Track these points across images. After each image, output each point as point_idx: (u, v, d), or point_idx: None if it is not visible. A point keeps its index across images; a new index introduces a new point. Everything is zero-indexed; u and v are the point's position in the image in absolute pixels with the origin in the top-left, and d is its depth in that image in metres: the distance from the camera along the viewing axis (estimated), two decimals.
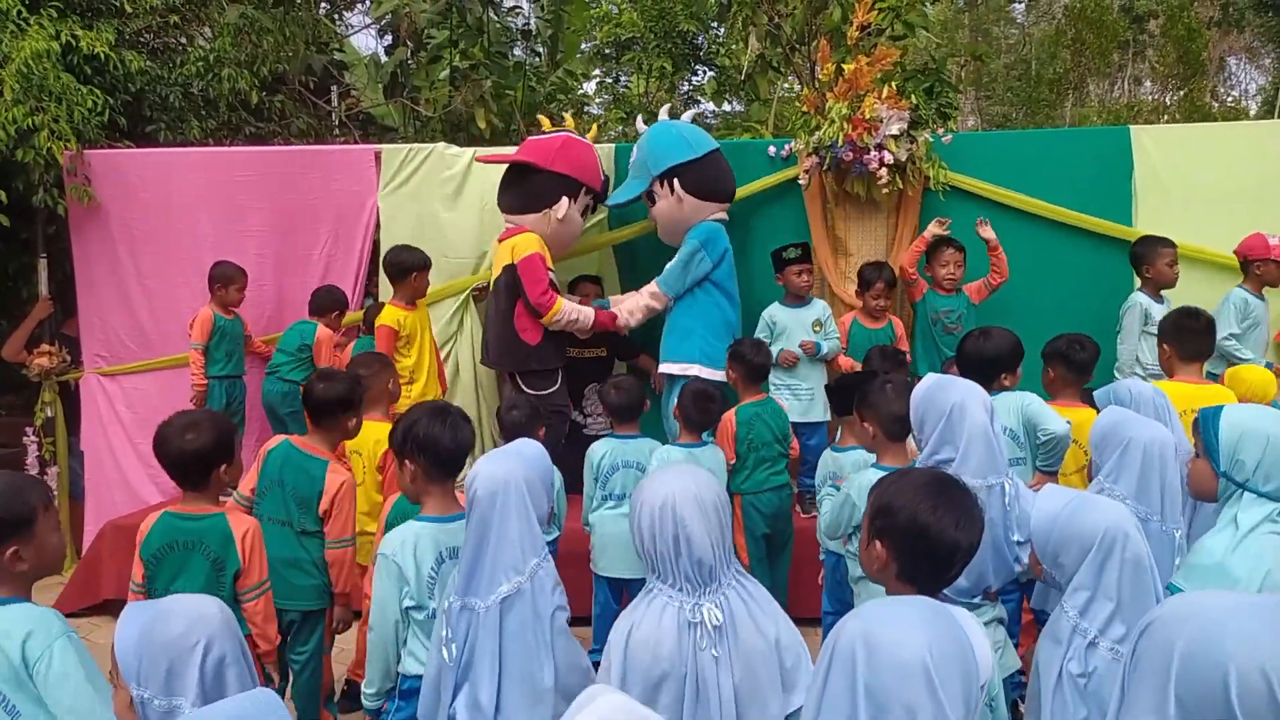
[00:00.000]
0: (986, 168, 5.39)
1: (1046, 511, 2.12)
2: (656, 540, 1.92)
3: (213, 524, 2.90)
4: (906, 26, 6.58)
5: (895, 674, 1.40)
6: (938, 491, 1.89)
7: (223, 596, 2.85)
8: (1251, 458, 2.26)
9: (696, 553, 1.90)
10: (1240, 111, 18.61)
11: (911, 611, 1.51)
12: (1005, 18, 20.52)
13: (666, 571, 1.92)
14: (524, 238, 4.93)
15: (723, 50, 12.89)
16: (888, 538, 1.88)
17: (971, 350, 3.73)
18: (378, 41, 11.05)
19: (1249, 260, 4.98)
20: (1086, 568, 2.02)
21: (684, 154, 5.03)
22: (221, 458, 2.90)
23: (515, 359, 5.04)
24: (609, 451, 4.11)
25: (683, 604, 1.90)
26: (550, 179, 5.00)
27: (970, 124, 17.47)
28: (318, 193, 5.67)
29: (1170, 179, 5.34)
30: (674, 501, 1.92)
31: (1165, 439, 2.70)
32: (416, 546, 2.55)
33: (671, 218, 5.07)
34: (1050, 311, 5.10)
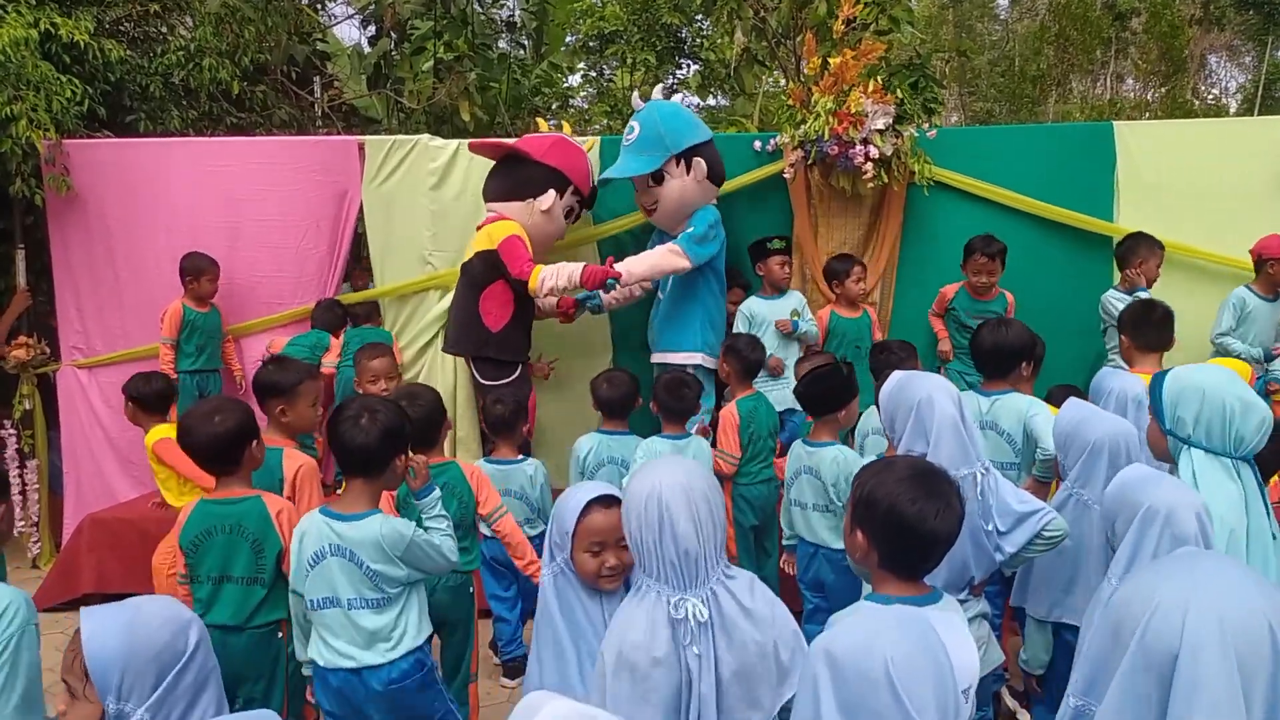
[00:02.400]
0: (971, 163, 5.41)
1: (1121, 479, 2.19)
2: (643, 531, 1.89)
3: (249, 507, 2.90)
4: (892, 21, 6.57)
5: (860, 684, 1.39)
6: (918, 482, 1.91)
7: (264, 579, 2.88)
8: (1189, 413, 2.32)
9: (682, 544, 1.86)
10: (1221, 109, 18.76)
11: (876, 622, 1.50)
12: (989, 14, 20.57)
13: (652, 565, 1.90)
14: (499, 225, 4.87)
15: (707, 44, 12.86)
16: (868, 527, 1.92)
17: (990, 341, 3.65)
18: (361, 32, 10.95)
19: (1263, 259, 4.97)
20: (1129, 539, 2.06)
21: (702, 134, 5.00)
22: (249, 436, 2.92)
23: (473, 342, 4.96)
24: (595, 447, 4.10)
25: (669, 598, 1.87)
26: (539, 169, 4.96)
27: (954, 120, 17.51)
28: (299, 184, 5.62)
29: (1152, 175, 5.37)
30: (660, 492, 1.89)
31: (1127, 431, 2.74)
32: (304, 536, 2.64)
33: (681, 198, 4.94)
34: (1032, 306, 5.12)
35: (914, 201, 5.38)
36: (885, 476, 1.94)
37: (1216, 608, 1.27)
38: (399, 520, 2.63)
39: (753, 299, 5.22)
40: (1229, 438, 2.28)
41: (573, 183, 5.08)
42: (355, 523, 2.61)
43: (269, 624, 2.92)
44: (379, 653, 2.60)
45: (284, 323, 5.73)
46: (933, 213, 5.40)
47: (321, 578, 2.61)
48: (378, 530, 2.58)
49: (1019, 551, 2.64)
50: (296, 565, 2.66)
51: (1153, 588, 1.33)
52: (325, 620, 2.63)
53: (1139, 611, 1.32)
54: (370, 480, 2.66)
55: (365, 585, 2.59)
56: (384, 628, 2.61)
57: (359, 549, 2.58)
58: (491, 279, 4.89)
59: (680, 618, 1.85)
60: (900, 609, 1.56)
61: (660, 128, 4.93)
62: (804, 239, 5.42)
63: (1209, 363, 4.33)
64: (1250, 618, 1.26)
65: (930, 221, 5.39)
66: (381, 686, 2.60)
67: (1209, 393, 2.30)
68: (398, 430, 2.66)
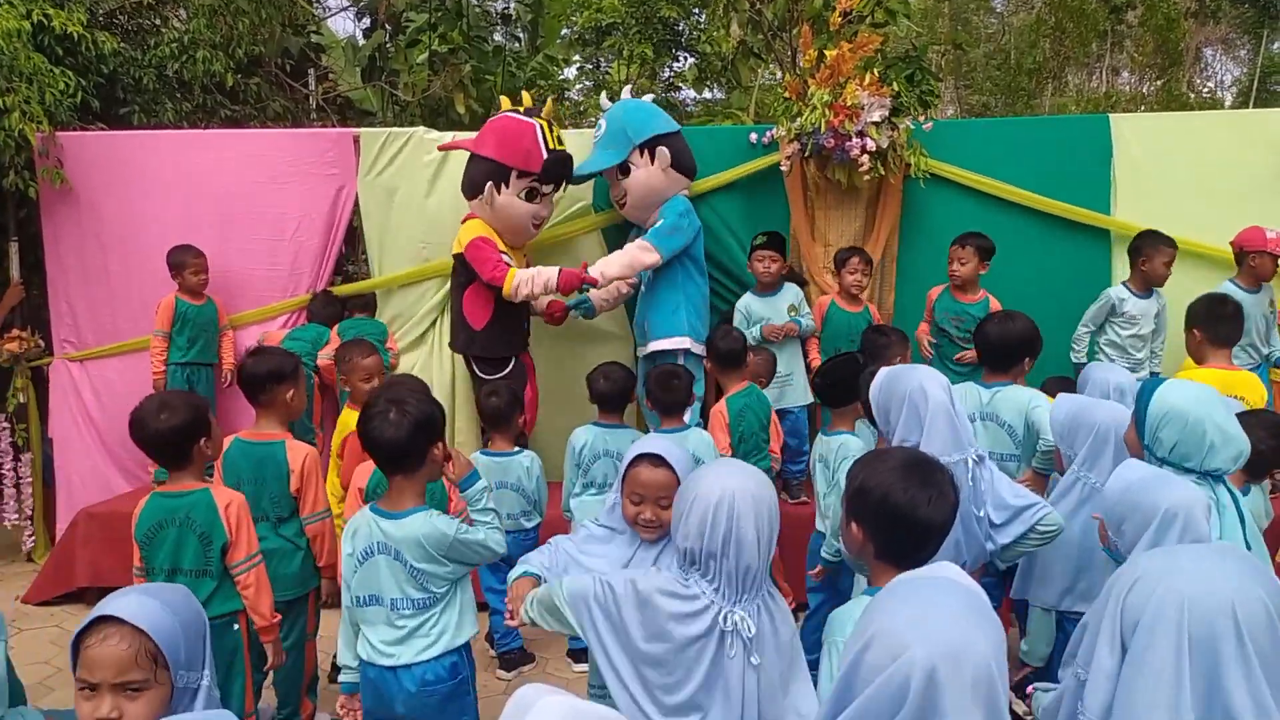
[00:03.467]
0: (967, 155, 5.40)
1: (1123, 479, 2.17)
2: (707, 536, 1.87)
3: (197, 499, 2.91)
4: (888, 14, 6.55)
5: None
6: (910, 471, 1.91)
7: (212, 571, 2.90)
8: (1169, 437, 2.34)
9: (746, 558, 1.86)
10: (1216, 102, 18.77)
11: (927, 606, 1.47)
12: (985, 6, 20.53)
13: (710, 569, 1.89)
14: (465, 226, 4.98)
15: (704, 37, 12.83)
16: (863, 519, 1.91)
17: (996, 334, 3.66)
18: (355, 24, 10.91)
19: (1244, 252, 4.94)
20: (1147, 541, 2.05)
21: (664, 126, 5.06)
22: (198, 432, 2.92)
23: (462, 341, 5.10)
24: (591, 440, 4.10)
25: (719, 606, 1.87)
26: (477, 164, 4.98)
27: (949, 112, 17.50)
28: (294, 177, 5.61)
29: (1149, 167, 5.37)
30: (734, 500, 1.88)
31: (1122, 415, 2.75)
32: (355, 532, 2.63)
33: (649, 188, 5.01)
34: (1028, 298, 5.09)
35: (911, 194, 5.37)
36: (877, 467, 1.94)
37: (1186, 588, 1.36)
38: (442, 518, 2.60)
39: (748, 295, 5.22)
40: (1200, 463, 2.32)
41: (513, 167, 4.90)
42: (399, 521, 2.58)
43: (223, 615, 2.92)
44: (416, 650, 2.59)
45: (277, 314, 5.71)
46: (930, 205, 5.39)
47: (369, 575, 2.60)
48: (420, 529, 2.56)
49: (1012, 544, 2.65)
50: (346, 563, 2.64)
51: (1142, 567, 1.41)
52: (368, 617, 2.62)
53: (1124, 584, 1.40)
54: (409, 475, 2.62)
55: (410, 584, 2.57)
56: (424, 625, 2.60)
57: (404, 547, 2.56)
58: (469, 279, 4.94)
59: (729, 630, 1.85)
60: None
61: (623, 121, 5.04)
62: (800, 232, 5.41)
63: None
64: (1213, 599, 1.33)
65: (927, 214, 5.39)
66: (415, 686, 2.58)
67: (1191, 423, 2.32)
68: (429, 420, 2.62)
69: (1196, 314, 3.92)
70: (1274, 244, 4.85)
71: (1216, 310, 3.88)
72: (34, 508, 5.71)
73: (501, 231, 4.95)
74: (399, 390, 2.70)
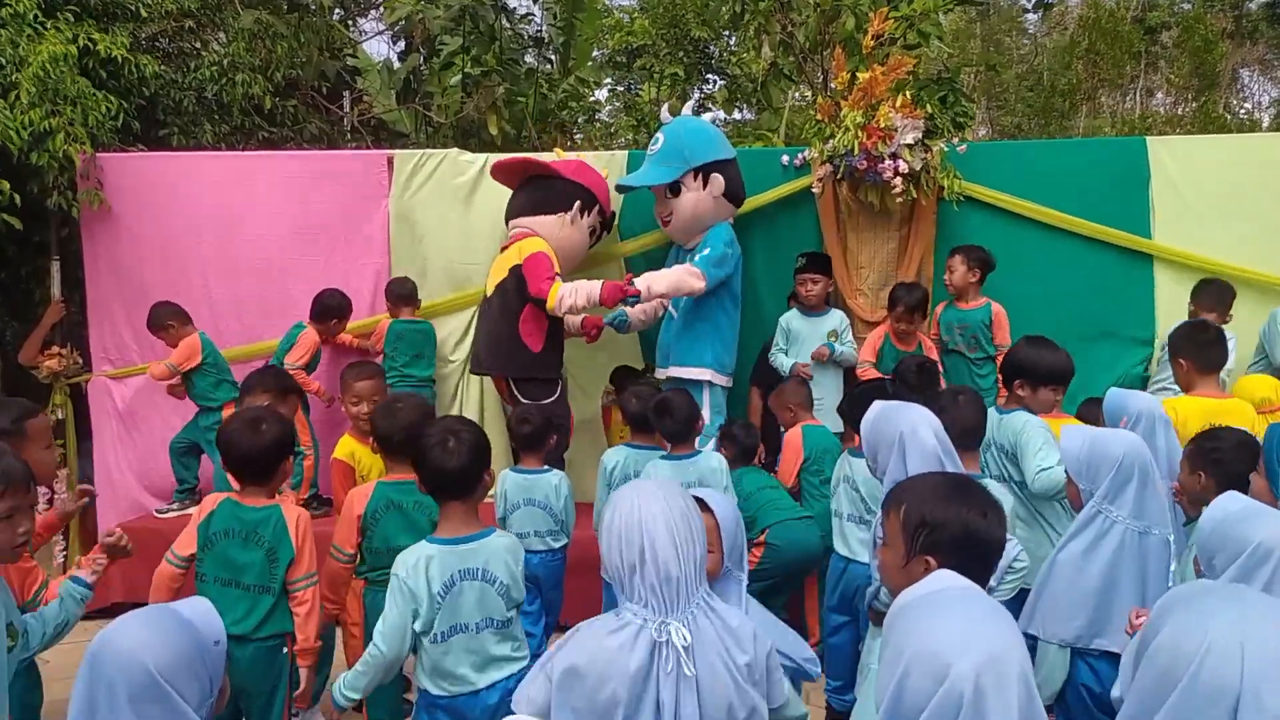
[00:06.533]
0: (1001, 177, 5.35)
1: (1220, 510, 2.11)
2: (624, 556, 1.86)
3: (269, 514, 2.96)
4: (921, 36, 6.54)
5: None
6: (971, 493, 1.87)
7: (274, 588, 2.92)
8: None
9: (664, 569, 1.83)
10: (1253, 124, 18.52)
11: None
12: (1017, 28, 20.47)
13: (633, 590, 1.86)
14: (527, 241, 4.92)
15: (734, 59, 12.88)
16: (939, 551, 1.82)
17: (1029, 359, 3.67)
18: (390, 47, 11.07)
19: None
20: (1231, 574, 1.99)
21: (724, 152, 5.04)
22: (286, 451, 3.00)
23: (517, 365, 4.95)
24: (622, 460, 4.09)
25: (647, 621, 1.83)
26: (569, 185, 5.04)
27: (982, 134, 17.42)
28: (329, 198, 5.66)
29: (1187, 190, 5.29)
30: (641, 516, 1.86)
31: (1141, 445, 2.69)
32: (429, 568, 2.57)
33: (695, 213, 4.99)
34: (1066, 321, 5.04)
35: (944, 216, 5.33)
36: (933, 495, 1.87)
37: (1273, 645, 1.26)
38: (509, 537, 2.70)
39: (793, 314, 5.19)
40: None
41: (599, 201, 5.15)
42: (480, 542, 2.63)
43: (276, 636, 2.94)
44: (504, 667, 2.62)
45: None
46: (964, 228, 5.34)
47: (454, 607, 2.57)
48: (502, 543, 2.63)
49: (995, 586, 2.58)
50: (426, 604, 2.55)
51: (1204, 626, 1.30)
52: (452, 647, 2.58)
53: (1192, 650, 1.28)
54: (467, 500, 2.67)
55: (501, 603, 2.61)
56: (510, 640, 2.65)
57: (492, 566, 2.60)
58: (525, 300, 4.90)
59: (663, 640, 1.81)
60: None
61: (682, 141, 5.00)
62: (832, 254, 5.38)
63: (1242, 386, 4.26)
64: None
65: (961, 236, 5.32)
66: (498, 698, 2.59)
67: None
68: (484, 447, 2.70)
69: (1179, 343, 3.85)
70: None
71: (1199, 338, 3.80)
72: (71, 525, 5.77)
73: (559, 254, 4.96)
74: (450, 421, 2.77)
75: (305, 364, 5.26)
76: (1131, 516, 2.59)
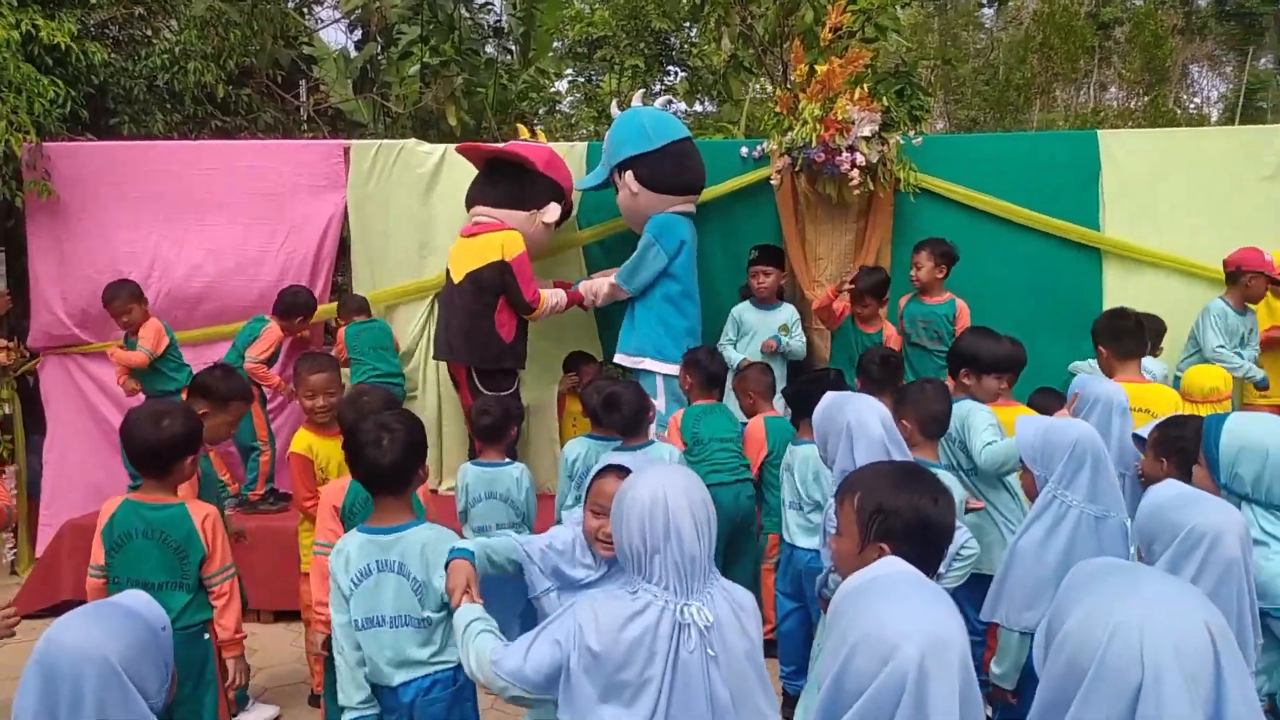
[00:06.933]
0: (957, 170, 5.42)
1: (1156, 497, 2.14)
2: (647, 535, 1.88)
3: (173, 513, 2.89)
4: (878, 29, 6.61)
5: None
6: (921, 481, 1.90)
7: (188, 583, 2.88)
8: (1249, 472, 2.28)
9: (688, 548, 1.86)
10: (1202, 118, 18.93)
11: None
12: (974, 23, 20.70)
13: (654, 570, 1.88)
14: (514, 236, 4.91)
15: (695, 50, 12.89)
16: (892, 537, 1.84)
17: (973, 348, 3.73)
18: (347, 36, 10.93)
19: (1240, 271, 4.88)
20: (1166, 560, 2.01)
21: (640, 145, 4.99)
22: (190, 449, 2.91)
23: (489, 355, 5.00)
24: (584, 452, 4.09)
25: (669, 603, 1.86)
26: (544, 181, 5.05)
27: (939, 127, 17.59)
28: (284, 188, 5.59)
29: (1136, 183, 5.39)
30: (666, 496, 1.89)
31: (1094, 432, 2.74)
32: (348, 554, 2.58)
33: (628, 209, 5.11)
34: (1018, 311, 5.13)
35: (901, 208, 5.39)
36: (885, 484, 1.89)
37: (1170, 630, 1.27)
38: (442, 528, 2.64)
39: (745, 306, 5.23)
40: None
41: (567, 197, 5.19)
42: (399, 534, 2.57)
43: (195, 624, 2.90)
44: (419, 665, 2.56)
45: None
46: (920, 220, 5.40)
47: (368, 597, 2.55)
48: (422, 538, 2.57)
49: (944, 574, 2.62)
50: (337, 590, 2.57)
51: (1107, 612, 1.31)
52: (369, 641, 2.56)
53: (1097, 638, 1.30)
54: (400, 495, 2.63)
55: (414, 599, 2.54)
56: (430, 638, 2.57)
57: (408, 560, 2.55)
58: (504, 290, 4.92)
59: (687, 622, 1.84)
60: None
61: (610, 140, 5.12)
62: (791, 245, 5.42)
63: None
64: (1197, 635, 1.28)
65: (918, 228, 5.38)
66: (411, 697, 2.54)
67: (1271, 452, 2.26)
68: (419, 442, 2.66)
69: (1100, 331, 3.93)
70: (1270, 266, 4.81)
71: (1118, 325, 3.88)
72: (17, 519, 5.65)
73: (529, 249, 4.99)
74: (378, 409, 2.72)
75: (267, 359, 5.19)
76: (1087, 500, 2.62)
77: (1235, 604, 1.94)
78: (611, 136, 5.10)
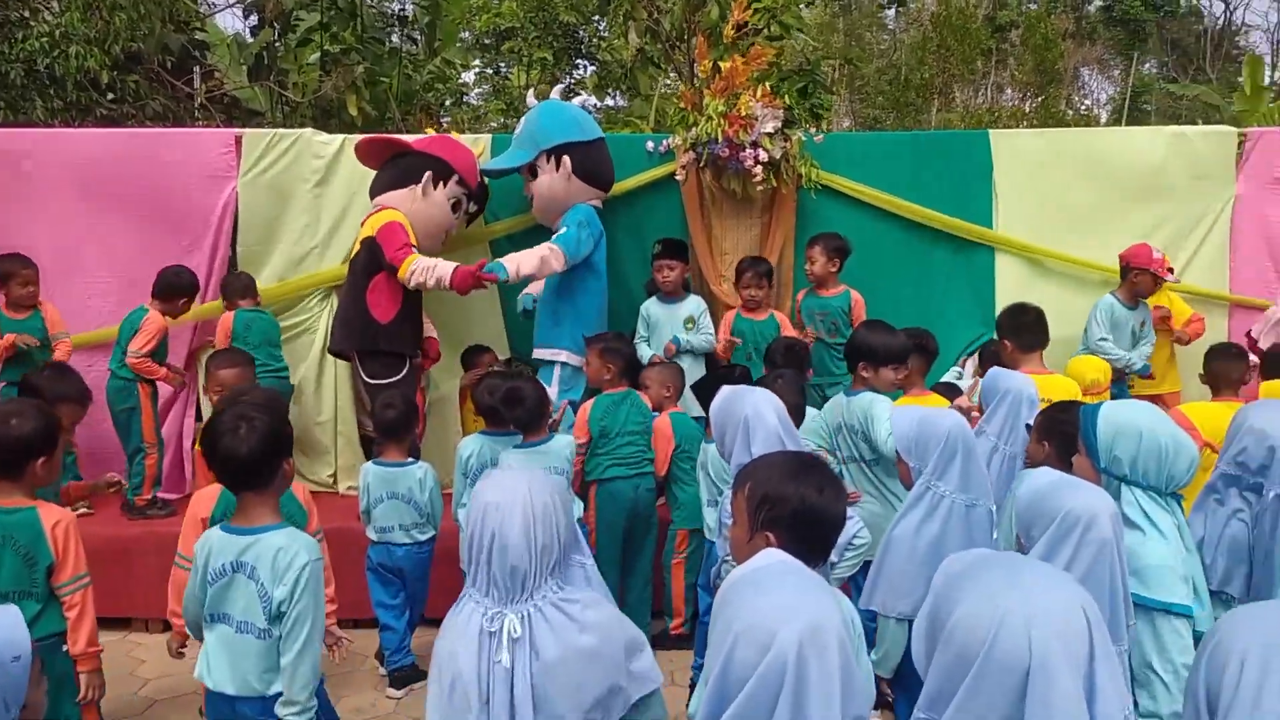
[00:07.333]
0: (857, 168, 5.52)
1: (1033, 485, 2.20)
2: (474, 542, 1.85)
3: (23, 518, 2.75)
4: (782, 27, 6.71)
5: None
6: (812, 471, 1.93)
7: (37, 594, 2.74)
8: (1126, 454, 2.36)
9: (510, 560, 1.82)
10: (1092, 119, 19.77)
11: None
12: (877, 23, 21.20)
13: (477, 576, 1.86)
14: (380, 213, 4.86)
15: (604, 45, 12.86)
16: (778, 526, 1.86)
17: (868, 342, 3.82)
18: (242, 22, 10.56)
19: (1129, 267, 5.06)
20: (1044, 543, 2.08)
21: (575, 134, 5.00)
22: (43, 449, 2.76)
23: (363, 338, 4.86)
24: (478, 449, 4.07)
25: (487, 609, 1.83)
26: (418, 157, 4.97)
27: (845, 125, 17.96)
28: (173, 178, 5.34)
29: (1026, 182, 5.57)
30: (499, 505, 1.85)
31: (964, 422, 2.84)
32: (209, 550, 2.53)
33: (552, 195, 5.01)
34: (914, 308, 5.24)
35: (804, 205, 5.47)
36: (775, 474, 1.92)
37: (1053, 616, 1.32)
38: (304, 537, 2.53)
39: (651, 301, 5.24)
40: (1163, 477, 2.35)
41: (456, 171, 4.99)
42: (254, 537, 2.46)
43: (51, 636, 2.76)
44: (258, 681, 2.46)
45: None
46: (822, 215, 5.49)
47: (220, 595, 2.48)
48: (275, 544, 2.45)
49: (837, 563, 2.68)
50: (193, 582, 2.52)
51: (994, 603, 1.35)
52: (215, 634, 2.49)
53: (984, 629, 1.33)
54: (261, 492, 2.52)
55: (261, 606, 2.44)
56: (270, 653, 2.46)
57: (258, 566, 2.45)
58: (377, 269, 4.82)
59: (494, 630, 1.81)
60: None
61: (536, 124, 5.04)
62: (696, 240, 5.45)
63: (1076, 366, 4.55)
64: (1076, 619, 1.33)
65: (820, 224, 5.47)
66: (255, 714, 2.45)
67: (1145, 434, 2.35)
68: (280, 435, 2.55)
69: (1002, 325, 4.11)
70: (1158, 263, 4.98)
71: (1019, 319, 4.07)
72: None
73: (418, 228, 4.86)
74: (244, 407, 2.57)
75: (152, 350, 4.83)
76: (958, 490, 2.72)
77: (1109, 583, 2.03)
78: (540, 122, 5.03)
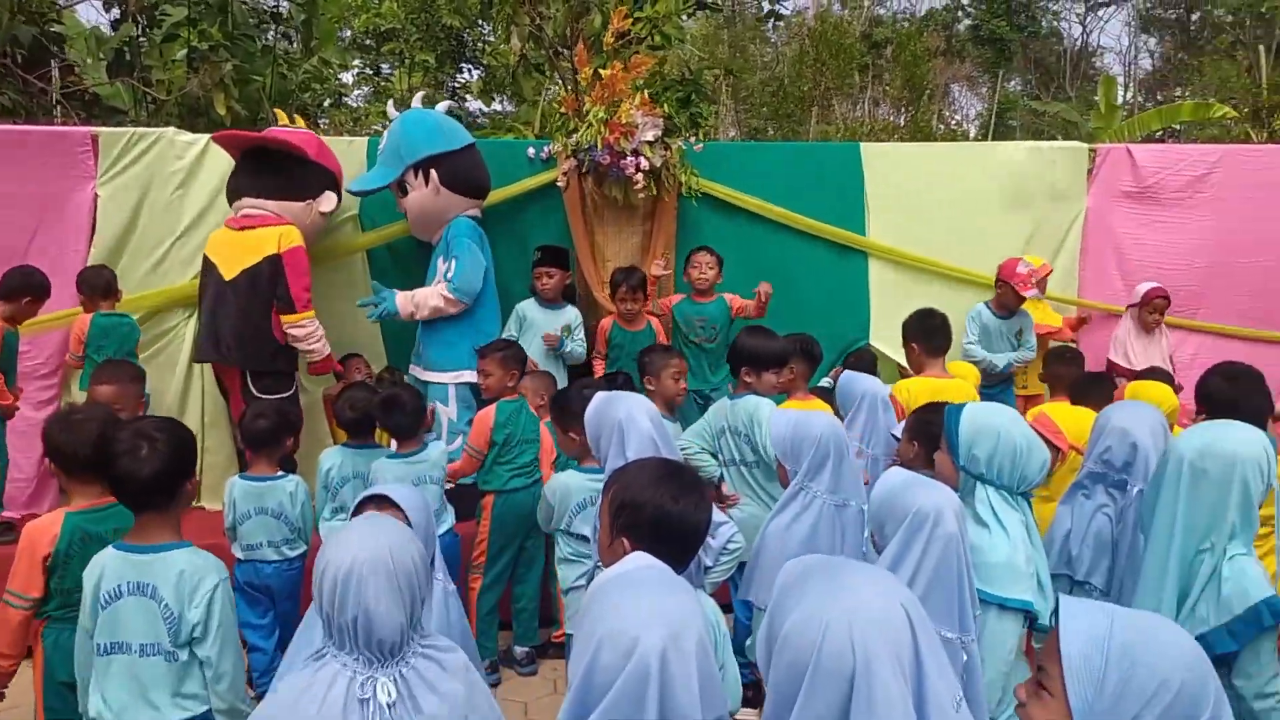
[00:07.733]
0: (736, 176, 5.63)
1: (885, 485, 2.27)
2: (335, 607, 1.70)
3: None
4: (664, 38, 6.77)
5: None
6: (672, 479, 1.95)
7: None
8: (984, 452, 2.47)
9: (379, 632, 1.70)
10: (961, 134, 20.70)
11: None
12: (761, 36, 21.68)
13: (342, 640, 1.72)
14: (291, 230, 4.69)
15: (489, 49, 12.74)
16: (633, 533, 1.89)
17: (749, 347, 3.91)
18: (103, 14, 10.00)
19: (997, 279, 5.36)
20: (898, 539, 2.14)
21: (440, 144, 4.91)
22: None
23: (264, 356, 4.70)
24: (339, 462, 4.00)
25: (356, 674, 1.70)
26: (318, 171, 4.84)
27: (731, 135, 18.28)
28: (23, 177, 5.01)
29: (895, 192, 5.80)
30: (361, 568, 1.71)
31: (837, 425, 2.97)
32: (101, 571, 2.40)
33: (424, 209, 4.93)
34: (791, 310, 5.35)
35: (685, 212, 5.53)
36: (639, 479, 1.95)
37: (872, 616, 1.34)
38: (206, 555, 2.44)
39: (529, 303, 5.21)
40: (1016, 476, 2.46)
41: (340, 186, 4.98)
42: (154, 555, 2.37)
43: None
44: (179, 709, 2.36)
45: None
46: (703, 224, 5.58)
47: (113, 621, 2.35)
48: (180, 562, 2.37)
49: (713, 567, 2.73)
50: (84, 608, 2.38)
51: (819, 612, 1.35)
52: (111, 669, 2.35)
53: (811, 638, 1.34)
54: (164, 511, 2.42)
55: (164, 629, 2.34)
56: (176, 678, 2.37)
57: (160, 586, 2.35)
58: (280, 286, 4.64)
59: (366, 698, 1.68)
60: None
61: (399, 138, 4.93)
62: (579, 247, 5.44)
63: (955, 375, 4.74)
64: (896, 616, 1.35)
65: (700, 232, 5.56)
66: None
67: (1002, 435, 2.46)
68: (185, 453, 2.46)
69: (910, 329, 4.28)
70: (1020, 280, 5.23)
71: (927, 324, 4.25)
72: None
73: (304, 241, 4.74)
74: (143, 425, 2.46)
75: None
76: (829, 491, 2.84)
77: (956, 576, 2.12)
78: (403, 135, 4.91)
